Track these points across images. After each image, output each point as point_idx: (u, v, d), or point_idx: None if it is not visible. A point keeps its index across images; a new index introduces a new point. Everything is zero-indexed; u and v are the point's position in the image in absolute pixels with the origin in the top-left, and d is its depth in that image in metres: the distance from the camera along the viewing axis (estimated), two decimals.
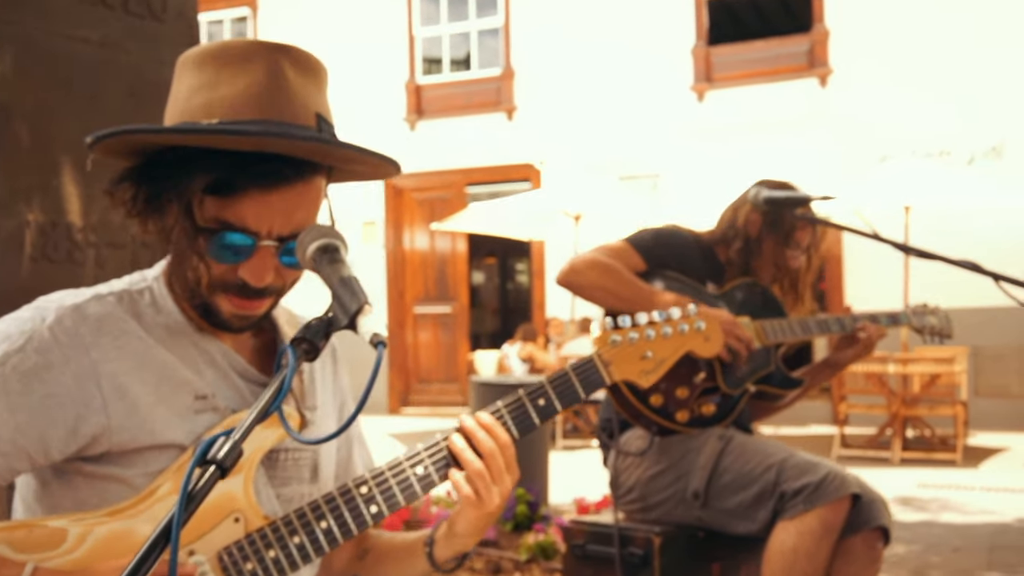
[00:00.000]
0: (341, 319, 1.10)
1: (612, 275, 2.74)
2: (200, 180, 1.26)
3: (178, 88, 1.34)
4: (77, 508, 1.29)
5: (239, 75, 1.28)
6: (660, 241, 2.87)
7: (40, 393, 1.24)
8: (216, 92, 1.28)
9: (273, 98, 1.28)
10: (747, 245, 2.88)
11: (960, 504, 7.20)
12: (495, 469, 1.36)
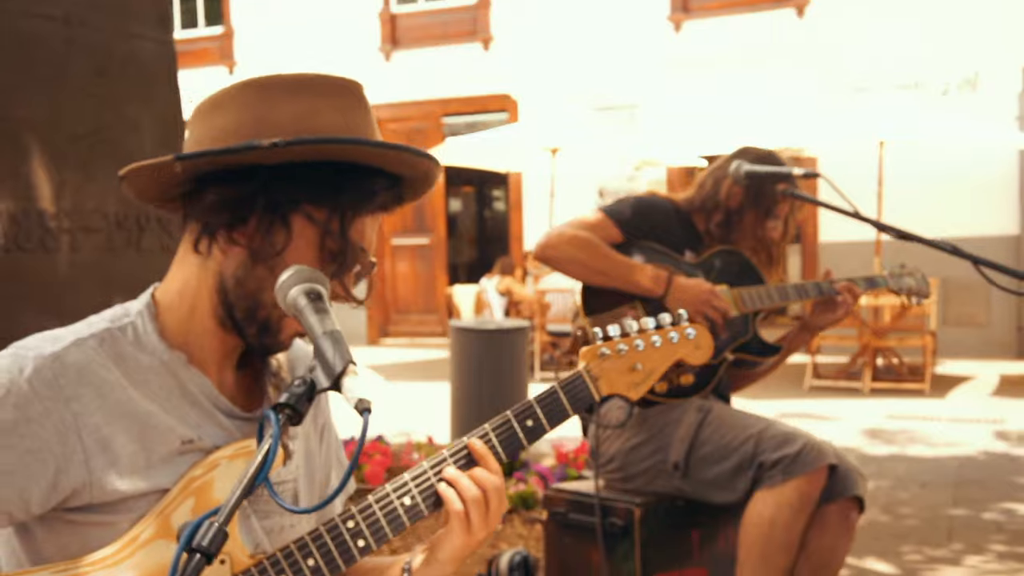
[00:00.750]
0: (323, 380, 1.08)
1: (589, 249, 2.73)
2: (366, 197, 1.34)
3: (280, 109, 1.32)
4: (59, 552, 1.28)
5: (347, 107, 1.35)
6: (637, 212, 2.86)
7: (20, 449, 1.21)
8: (343, 116, 1.33)
9: (374, 126, 1.39)
10: (728, 218, 2.87)
11: (927, 436, 7.36)
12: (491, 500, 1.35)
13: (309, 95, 1.34)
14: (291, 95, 1.33)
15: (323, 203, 1.31)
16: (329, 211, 1.31)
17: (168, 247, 2.54)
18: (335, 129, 1.32)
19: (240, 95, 1.34)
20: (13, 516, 1.23)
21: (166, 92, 2.58)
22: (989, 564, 4.39)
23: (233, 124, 1.31)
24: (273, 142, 1.24)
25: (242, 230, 1.30)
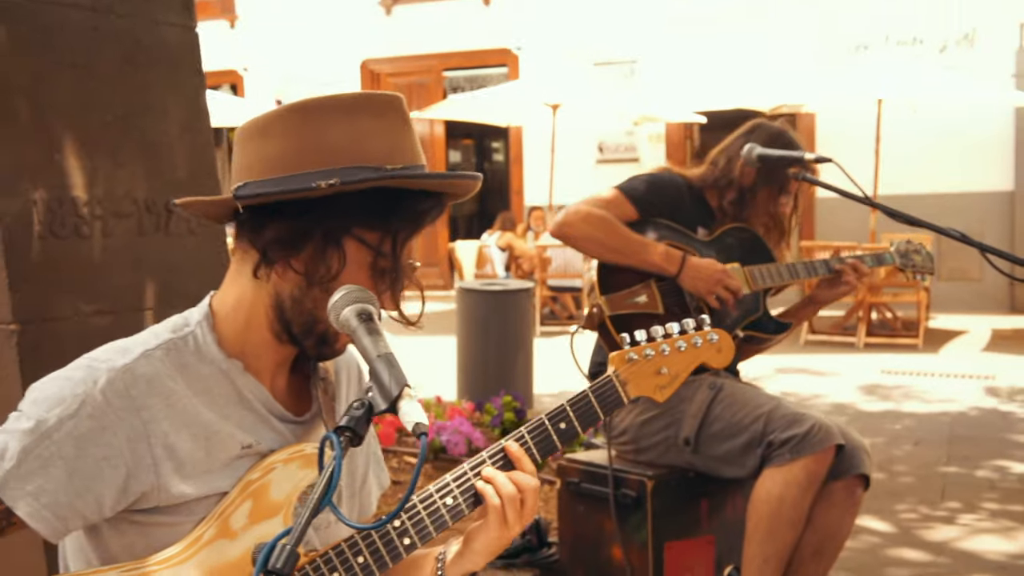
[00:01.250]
0: (381, 403, 1.14)
1: (604, 227, 2.78)
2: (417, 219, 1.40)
3: (328, 134, 1.36)
4: (125, 551, 1.36)
5: (392, 128, 1.39)
6: (652, 189, 2.90)
7: (95, 456, 1.29)
8: (389, 138, 1.38)
9: (415, 142, 1.44)
10: (741, 195, 2.92)
11: (921, 392, 7.50)
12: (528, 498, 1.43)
13: (354, 118, 1.38)
14: (336, 120, 1.37)
15: (375, 227, 1.37)
16: (381, 234, 1.37)
17: (194, 230, 2.60)
18: (383, 154, 1.36)
19: (286, 121, 1.38)
20: (87, 519, 1.31)
21: (191, 77, 2.61)
22: (982, 522, 4.53)
23: (282, 152, 1.36)
24: (331, 183, 1.30)
25: (298, 257, 1.36)
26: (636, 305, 2.79)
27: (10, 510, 1.27)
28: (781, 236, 3.05)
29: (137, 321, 2.43)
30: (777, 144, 2.88)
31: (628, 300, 2.79)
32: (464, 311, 5.76)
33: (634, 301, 2.79)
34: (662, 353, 1.60)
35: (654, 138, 13.09)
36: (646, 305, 2.79)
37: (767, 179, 2.89)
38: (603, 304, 2.77)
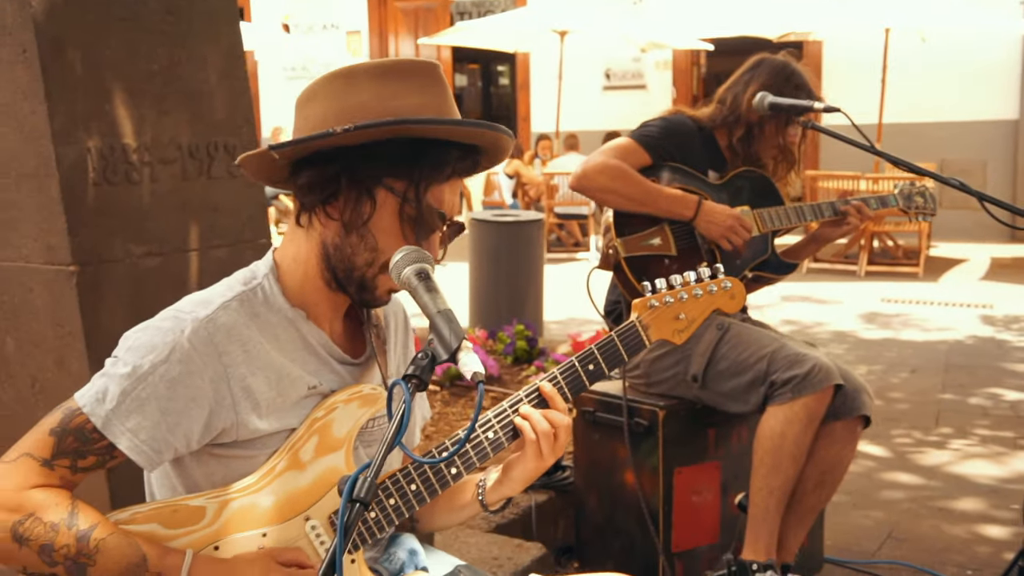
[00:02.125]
0: (442, 354, 1.29)
1: (621, 178, 2.89)
2: (438, 168, 1.51)
3: (361, 95, 1.49)
4: (206, 480, 1.54)
5: (427, 88, 1.51)
6: (664, 134, 3.00)
7: (184, 397, 1.45)
8: (422, 96, 1.50)
9: (451, 102, 1.56)
10: (749, 131, 3.01)
11: (920, 320, 7.67)
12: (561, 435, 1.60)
13: (389, 79, 1.51)
14: (373, 80, 1.50)
15: (401, 176, 1.50)
16: (407, 182, 1.50)
17: (234, 173, 2.72)
18: (413, 109, 1.49)
19: (329, 86, 1.53)
20: (177, 451, 1.48)
21: (229, 28, 2.70)
22: (973, 448, 4.72)
23: (322, 113, 1.50)
24: (344, 128, 1.43)
25: (335, 204, 1.51)
26: (650, 247, 2.91)
27: (113, 445, 1.44)
28: (791, 166, 3.14)
29: (183, 261, 2.57)
30: (781, 78, 2.97)
31: (643, 242, 2.91)
32: (476, 242, 5.89)
33: (648, 243, 2.91)
34: (680, 300, 1.75)
35: (661, 65, 13.06)
36: (660, 247, 2.91)
37: (774, 113, 2.97)
38: (619, 246, 2.89)
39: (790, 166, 3.15)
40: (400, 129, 1.47)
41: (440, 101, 1.54)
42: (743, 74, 3.10)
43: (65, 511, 1.41)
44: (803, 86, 3.06)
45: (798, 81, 3.06)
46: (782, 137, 3.04)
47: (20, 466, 1.43)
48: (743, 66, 3.14)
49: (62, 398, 2.40)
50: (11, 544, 1.39)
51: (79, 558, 1.39)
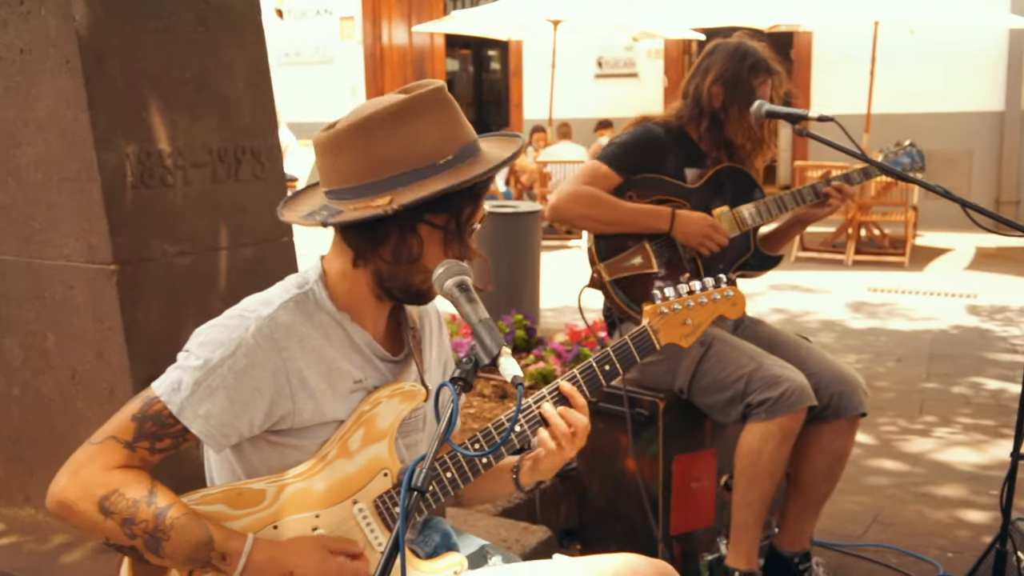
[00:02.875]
0: (484, 359, 1.45)
1: (593, 204, 2.96)
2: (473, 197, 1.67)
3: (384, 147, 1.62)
4: (262, 465, 1.69)
5: (438, 120, 1.63)
6: (630, 151, 3.05)
7: (249, 387, 1.60)
8: (437, 132, 1.63)
9: (462, 120, 1.68)
10: (715, 119, 3.05)
11: (906, 310, 7.84)
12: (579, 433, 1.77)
13: (404, 122, 1.61)
14: (390, 129, 1.62)
15: (440, 210, 1.64)
16: (447, 216, 1.66)
17: (259, 175, 2.86)
18: (434, 147, 1.62)
19: (351, 138, 1.63)
20: (242, 435, 1.64)
21: (254, 36, 2.83)
22: (956, 436, 4.90)
23: (351, 167, 1.63)
24: (395, 208, 1.57)
25: (385, 246, 1.66)
26: (633, 267, 3.00)
27: (186, 429, 1.60)
28: (763, 143, 3.14)
29: (213, 259, 2.72)
30: (736, 60, 3.01)
31: (624, 264, 3.00)
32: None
33: (630, 264, 3.01)
34: (687, 307, 1.91)
35: (653, 54, 13.19)
36: (641, 266, 3.00)
37: (734, 95, 3.01)
38: (602, 270, 2.99)
39: (759, 145, 3.16)
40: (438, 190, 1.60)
41: (455, 129, 1.66)
42: (700, 63, 3.13)
43: (145, 490, 1.57)
44: (759, 63, 3.07)
45: (753, 60, 3.06)
46: (748, 118, 3.04)
47: (106, 448, 1.59)
48: (700, 54, 3.17)
49: (101, 389, 2.57)
50: (98, 515, 1.54)
51: (156, 533, 1.55)
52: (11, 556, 2.59)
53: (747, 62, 3.04)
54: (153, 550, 1.56)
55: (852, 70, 10.98)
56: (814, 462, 3.01)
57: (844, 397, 2.94)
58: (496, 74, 18.68)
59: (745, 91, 3.02)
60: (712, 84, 3.03)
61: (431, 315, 1.94)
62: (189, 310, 2.62)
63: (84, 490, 1.55)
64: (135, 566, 1.60)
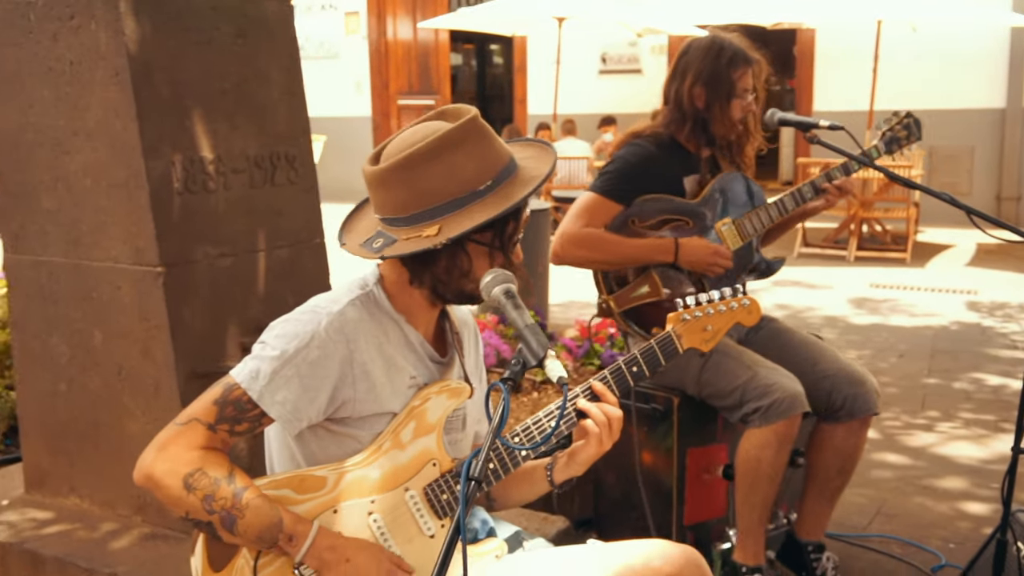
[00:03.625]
0: (531, 361, 1.58)
1: (597, 247, 3.00)
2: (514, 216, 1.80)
3: (427, 181, 1.75)
4: (321, 453, 1.82)
5: (475, 150, 1.76)
6: (624, 177, 3.05)
7: (320, 376, 1.74)
8: (474, 162, 1.76)
9: (494, 140, 1.81)
10: (698, 120, 3.07)
11: (907, 306, 7.95)
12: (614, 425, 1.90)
13: (444, 156, 1.74)
14: (433, 161, 1.75)
15: (485, 230, 1.78)
16: (492, 234, 1.79)
17: (293, 180, 2.99)
18: (472, 178, 1.75)
19: (397, 175, 1.76)
20: (312, 419, 1.77)
21: (287, 46, 2.95)
22: (957, 430, 5.01)
23: (401, 200, 1.77)
24: (444, 242, 1.71)
25: (436, 268, 1.80)
26: (640, 297, 3.08)
27: (263, 413, 1.73)
28: (751, 134, 3.16)
29: (252, 261, 2.85)
30: (711, 58, 3.01)
31: (632, 295, 3.08)
32: None
33: (638, 294, 3.08)
34: (707, 314, 2.05)
35: (656, 50, 13.29)
36: (649, 294, 3.07)
37: (716, 94, 3.02)
38: (611, 302, 3.09)
39: (745, 136, 3.18)
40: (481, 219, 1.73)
41: (491, 156, 1.79)
42: (677, 65, 3.11)
43: (226, 471, 1.70)
44: (736, 57, 3.05)
45: (730, 53, 3.04)
46: (734, 111, 3.06)
47: (190, 428, 1.72)
48: (677, 56, 3.17)
49: (147, 384, 2.70)
50: (182, 491, 1.67)
51: (232, 511, 1.68)
52: (63, 543, 2.73)
53: (724, 57, 3.02)
54: (228, 527, 1.68)
55: (855, 67, 11.10)
56: (828, 459, 3.13)
57: (858, 399, 3.04)
58: (498, 69, 18.78)
59: (726, 86, 3.03)
60: (692, 86, 3.03)
61: (469, 325, 2.08)
62: (230, 309, 2.75)
63: (170, 466, 1.68)
64: (209, 546, 1.73)
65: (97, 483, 2.87)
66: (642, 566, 1.77)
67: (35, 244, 2.83)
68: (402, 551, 1.82)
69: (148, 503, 2.78)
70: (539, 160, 1.88)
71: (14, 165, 2.83)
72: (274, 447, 1.89)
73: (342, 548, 1.73)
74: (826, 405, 3.08)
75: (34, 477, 3.02)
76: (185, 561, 2.53)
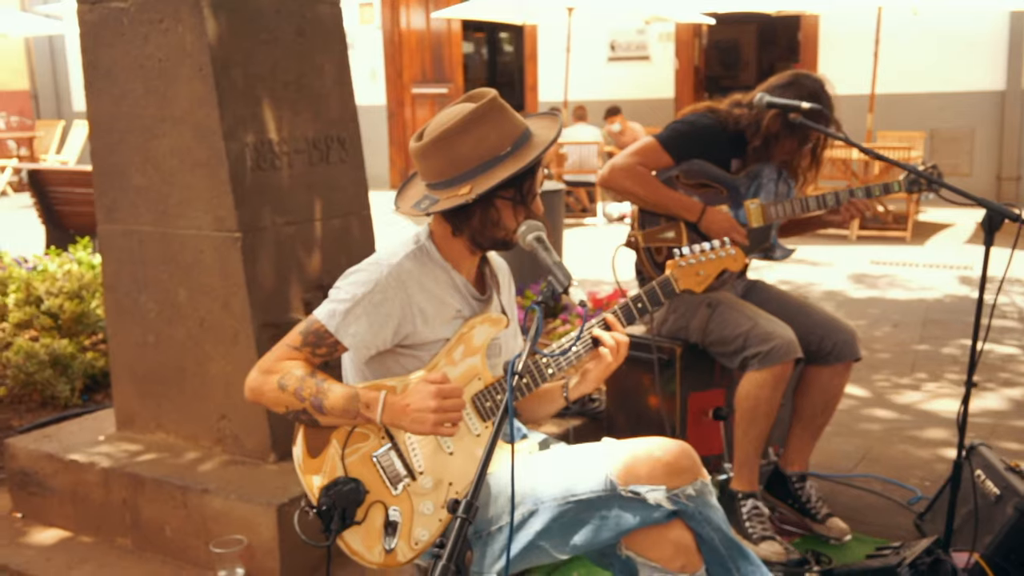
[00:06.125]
0: (559, 288, 2.04)
1: (644, 184, 3.42)
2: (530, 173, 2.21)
3: (460, 149, 2.18)
4: (387, 371, 2.27)
5: (496, 122, 2.19)
6: (686, 138, 3.46)
7: (383, 314, 2.19)
8: (496, 132, 2.18)
9: (511, 113, 2.23)
10: (766, 142, 3.49)
11: (904, 281, 8.31)
12: (621, 349, 2.35)
13: (472, 129, 2.17)
14: (464, 134, 2.18)
15: (509, 186, 2.21)
16: (515, 190, 2.22)
17: (344, 159, 3.44)
18: (495, 145, 2.17)
19: (435, 147, 2.20)
20: (379, 348, 2.23)
21: (338, 43, 3.39)
22: (943, 389, 5.39)
23: (440, 167, 2.21)
24: (475, 196, 2.14)
25: (473, 219, 2.24)
26: (665, 240, 3.54)
27: (338, 342, 2.19)
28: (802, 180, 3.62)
29: (310, 228, 3.31)
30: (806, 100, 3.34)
31: (659, 235, 3.54)
32: None
33: (664, 236, 3.54)
34: (700, 261, 2.49)
35: (664, 37, 13.64)
36: (673, 240, 3.53)
37: (790, 130, 3.39)
38: (639, 237, 3.54)
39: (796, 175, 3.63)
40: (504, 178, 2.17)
41: (509, 127, 2.22)
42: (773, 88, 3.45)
43: (308, 370, 2.17)
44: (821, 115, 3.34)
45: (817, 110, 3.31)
46: (793, 155, 3.49)
47: (279, 349, 2.21)
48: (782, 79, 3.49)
49: (227, 332, 3.18)
50: (278, 391, 2.14)
51: (318, 394, 2.13)
52: (157, 467, 3.21)
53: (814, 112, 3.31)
54: (318, 408, 2.13)
55: (857, 51, 11.42)
56: (814, 398, 3.57)
57: (847, 345, 3.49)
58: (508, 57, 19.14)
59: (803, 131, 3.44)
60: (775, 117, 3.38)
61: (504, 270, 2.53)
62: (293, 269, 3.21)
63: (267, 377, 2.16)
64: (307, 437, 2.18)
65: (181, 419, 3.35)
66: (644, 455, 2.22)
67: (127, 215, 3.30)
68: (454, 447, 2.28)
69: (226, 435, 3.25)
70: (548, 128, 2.32)
71: (108, 148, 3.29)
72: (349, 371, 2.36)
73: (401, 399, 2.14)
74: (816, 349, 3.51)
75: (124, 417, 3.50)
76: (260, 480, 3.01)
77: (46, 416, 4.40)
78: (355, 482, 2.14)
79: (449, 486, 2.24)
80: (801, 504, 3.62)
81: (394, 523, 2.18)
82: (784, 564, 3.27)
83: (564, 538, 2.20)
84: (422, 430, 2.12)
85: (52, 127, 16.54)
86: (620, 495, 2.16)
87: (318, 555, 2.90)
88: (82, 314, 4.96)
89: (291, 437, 2.16)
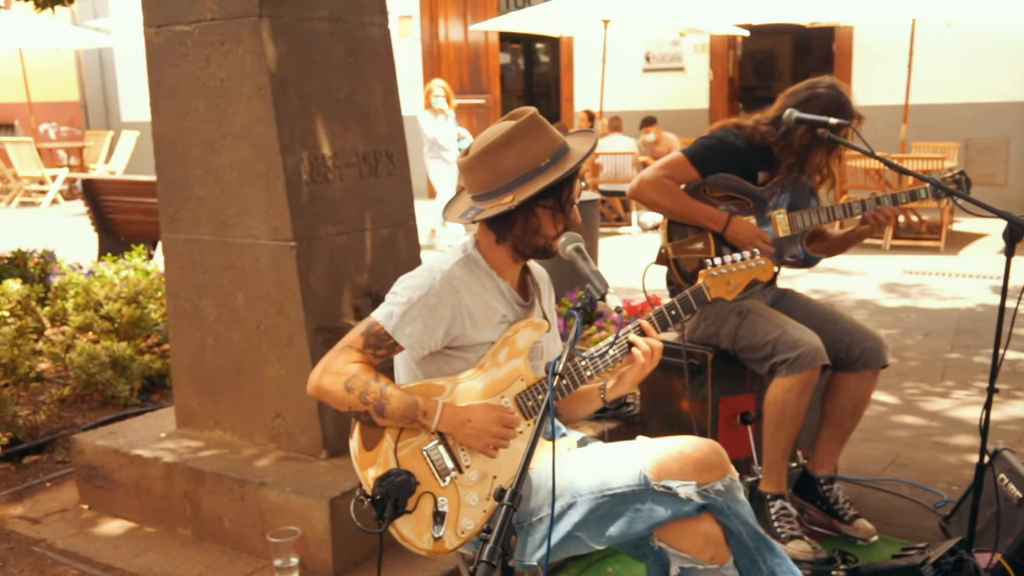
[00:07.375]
0: (596, 295, 2.19)
1: (671, 196, 3.55)
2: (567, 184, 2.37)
3: (503, 163, 2.36)
4: (438, 371, 2.44)
5: (536, 137, 2.37)
6: (713, 155, 3.58)
7: (436, 317, 2.36)
8: (537, 146, 2.36)
9: (549, 128, 2.41)
10: (800, 156, 3.61)
11: (937, 290, 8.35)
12: (655, 353, 2.51)
13: (514, 143, 2.36)
14: (506, 148, 2.36)
15: (548, 196, 2.37)
16: (554, 199, 2.39)
17: (392, 172, 3.63)
18: (535, 158, 2.35)
19: (480, 161, 2.39)
20: (431, 348, 2.39)
21: (386, 62, 3.58)
22: (972, 397, 5.47)
23: (485, 180, 2.39)
24: (517, 203, 2.32)
25: (515, 228, 2.41)
26: (694, 251, 3.67)
27: (396, 343, 2.36)
28: (829, 182, 3.77)
29: (360, 238, 3.49)
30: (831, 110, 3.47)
31: (688, 247, 3.67)
32: None
33: (693, 248, 3.67)
34: (731, 271, 2.64)
35: (698, 48, 13.77)
36: (702, 251, 3.66)
37: (820, 142, 3.49)
38: (669, 248, 3.68)
39: (830, 183, 3.78)
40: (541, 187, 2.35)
41: (548, 141, 2.40)
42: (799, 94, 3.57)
43: (372, 375, 2.34)
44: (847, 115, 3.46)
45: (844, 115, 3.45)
46: (826, 162, 3.62)
47: (343, 351, 2.37)
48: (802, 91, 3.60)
49: (282, 336, 3.37)
50: (343, 392, 2.31)
51: (381, 399, 2.30)
52: (216, 462, 3.41)
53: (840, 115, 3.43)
54: (379, 412, 2.31)
55: (891, 62, 11.48)
56: (842, 403, 3.69)
57: (873, 352, 3.61)
58: (544, 68, 19.33)
59: (833, 143, 3.56)
60: (805, 132, 3.49)
61: (545, 279, 2.70)
62: (344, 276, 3.40)
63: (334, 377, 2.33)
64: (363, 432, 2.35)
65: (238, 418, 3.55)
66: (677, 452, 2.36)
67: (188, 225, 3.51)
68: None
69: (281, 433, 3.44)
70: (585, 143, 2.48)
71: (171, 162, 3.50)
72: (401, 370, 2.53)
73: (463, 412, 2.34)
74: (845, 356, 3.63)
75: (184, 415, 3.71)
76: (313, 475, 3.19)
77: (107, 415, 4.64)
78: (407, 474, 2.31)
79: (493, 479, 2.40)
80: (829, 505, 3.74)
81: (442, 513, 2.35)
82: (812, 562, 3.40)
83: (600, 529, 2.35)
84: (473, 445, 2.34)
85: (101, 137, 16.95)
86: (653, 489, 2.30)
87: (368, 546, 3.08)
88: (139, 318, 5.21)
89: (341, 435, 2.35)
